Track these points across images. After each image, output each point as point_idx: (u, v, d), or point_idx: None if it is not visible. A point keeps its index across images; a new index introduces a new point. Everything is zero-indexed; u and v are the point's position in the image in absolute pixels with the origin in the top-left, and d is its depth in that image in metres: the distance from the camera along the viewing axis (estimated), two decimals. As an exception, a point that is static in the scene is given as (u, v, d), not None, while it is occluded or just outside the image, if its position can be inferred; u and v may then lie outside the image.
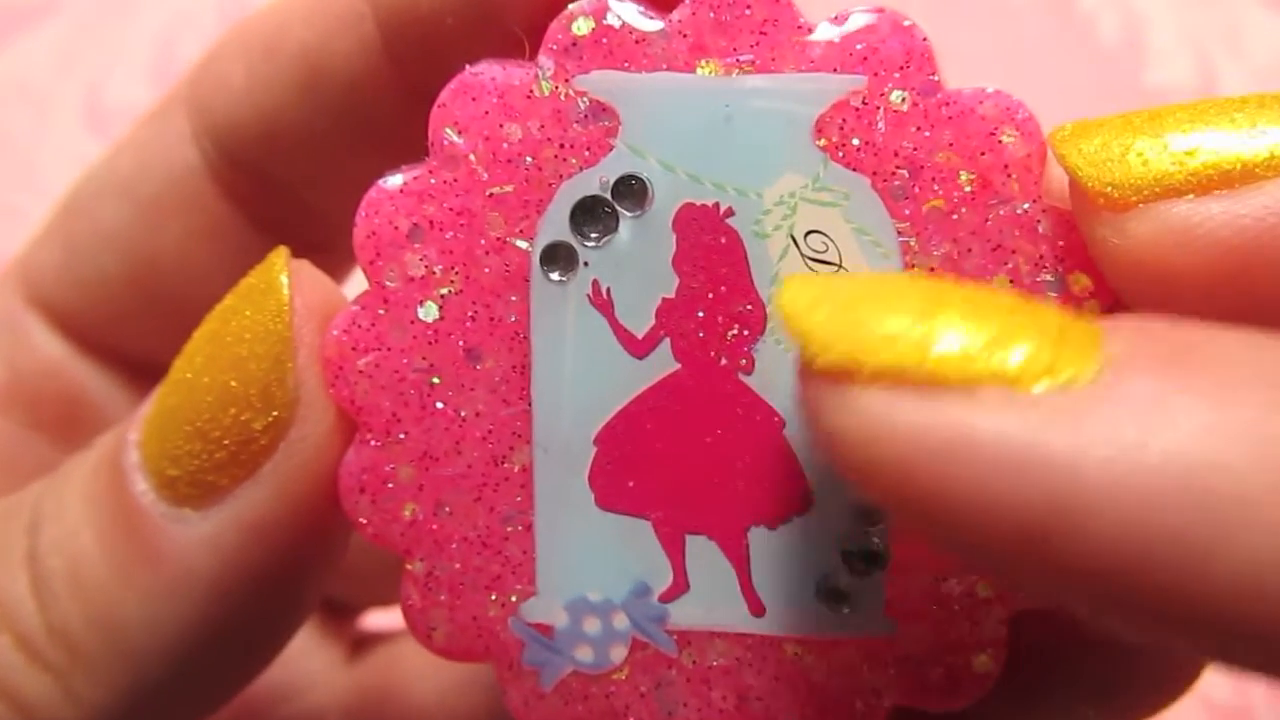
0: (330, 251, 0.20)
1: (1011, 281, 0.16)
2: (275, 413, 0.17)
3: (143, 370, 0.23)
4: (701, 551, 0.17)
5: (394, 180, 0.17)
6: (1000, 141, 0.16)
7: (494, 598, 0.17)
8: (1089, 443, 0.11)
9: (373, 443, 0.17)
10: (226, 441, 0.17)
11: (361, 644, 0.26)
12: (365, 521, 0.17)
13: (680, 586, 0.17)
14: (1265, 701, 0.34)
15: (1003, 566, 0.11)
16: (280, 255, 0.17)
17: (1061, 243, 0.16)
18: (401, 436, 0.17)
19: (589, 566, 0.17)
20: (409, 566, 0.17)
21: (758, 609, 0.17)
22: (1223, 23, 0.37)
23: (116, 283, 0.22)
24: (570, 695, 0.17)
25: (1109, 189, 0.14)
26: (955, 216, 0.16)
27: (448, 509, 0.17)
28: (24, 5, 0.42)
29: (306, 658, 0.25)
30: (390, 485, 0.17)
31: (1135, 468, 0.11)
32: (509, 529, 0.17)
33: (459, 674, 0.24)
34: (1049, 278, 0.16)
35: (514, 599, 0.17)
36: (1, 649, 0.17)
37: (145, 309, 0.22)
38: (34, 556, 0.17)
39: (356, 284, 0.18)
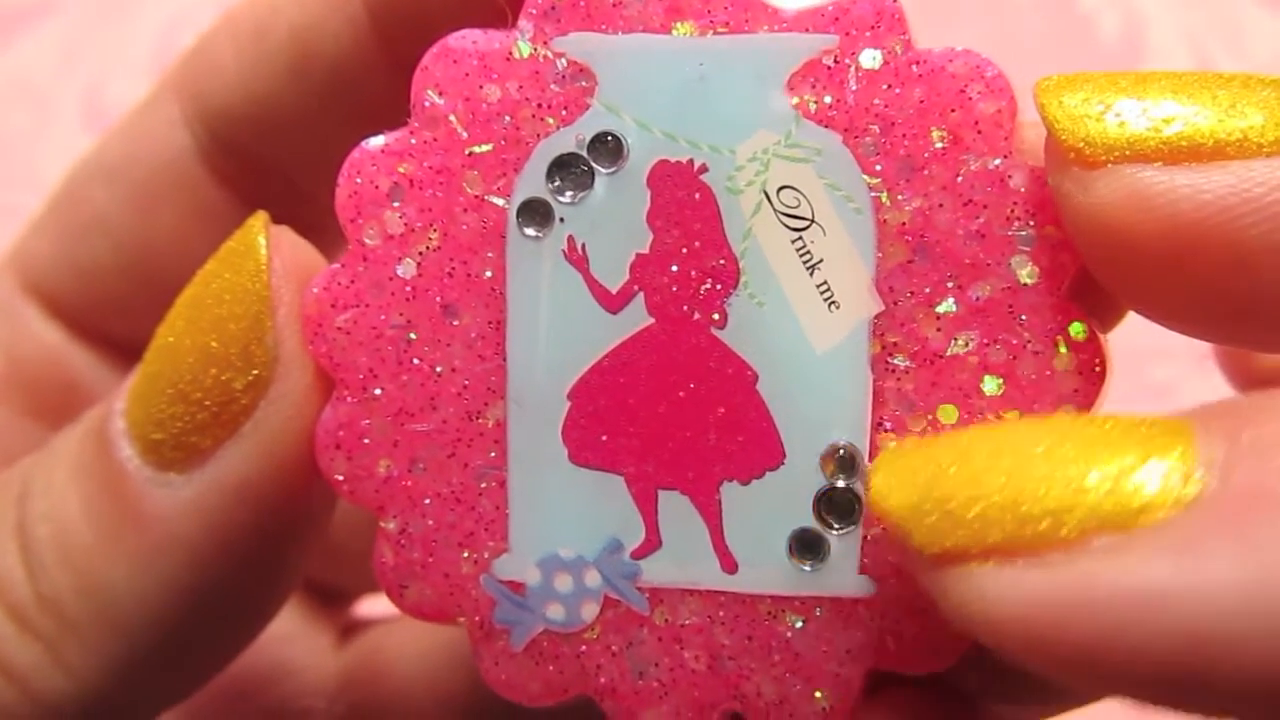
0: (322, 232, 0.20)
1: (982, 236, 0.16)
2: (255, 371, 0.17)
3: (138, 355, 0.23)
4: (674, 507, 0.17)
5: (375, 141, 0.17)
6: (970, 98, 0.16)
7: (466, 555, 0.17)
8: (1212, 572, 0.11)
9: (349, 399, 0.17)
10: (208, 402, 0.17)
11: (352, 629, 0.26)
12: (341, 478, 0.17)
13: (653, 543, 0.17)
14: None
15: (1163, 699, 0.12)
16: (259, 219, 0.18)
17: (1034, 195, 0.16)
18: (378, 392, 0.17)
19: (562, 523, 0.17)
20: (383, 524, 0.17)
21: (730, 566, 0.16)
22: (1222, 22, 0.37)
23: (110, 268, 0.22)
24: (541, 655, 0.17)
25: (1082, 144, 0.14)
26: (926, 172, 0.16)
27: (422, 465, 0.17)
28: (24, 5, 0.43)
29: (296, 642, 0.25)
30: (366, 441, 0.17)
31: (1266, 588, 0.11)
32: (482, 485, 0.17)
33: (447, 654, 0.23)
34: (1022, 232, 0.16)
35: (486, 555, 0.17)
36: None
37: (139, 294, 0.22)
38: (23, 526, 0.17)
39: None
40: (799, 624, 0.16)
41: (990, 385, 0.16)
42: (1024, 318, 0.16)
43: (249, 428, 0.17)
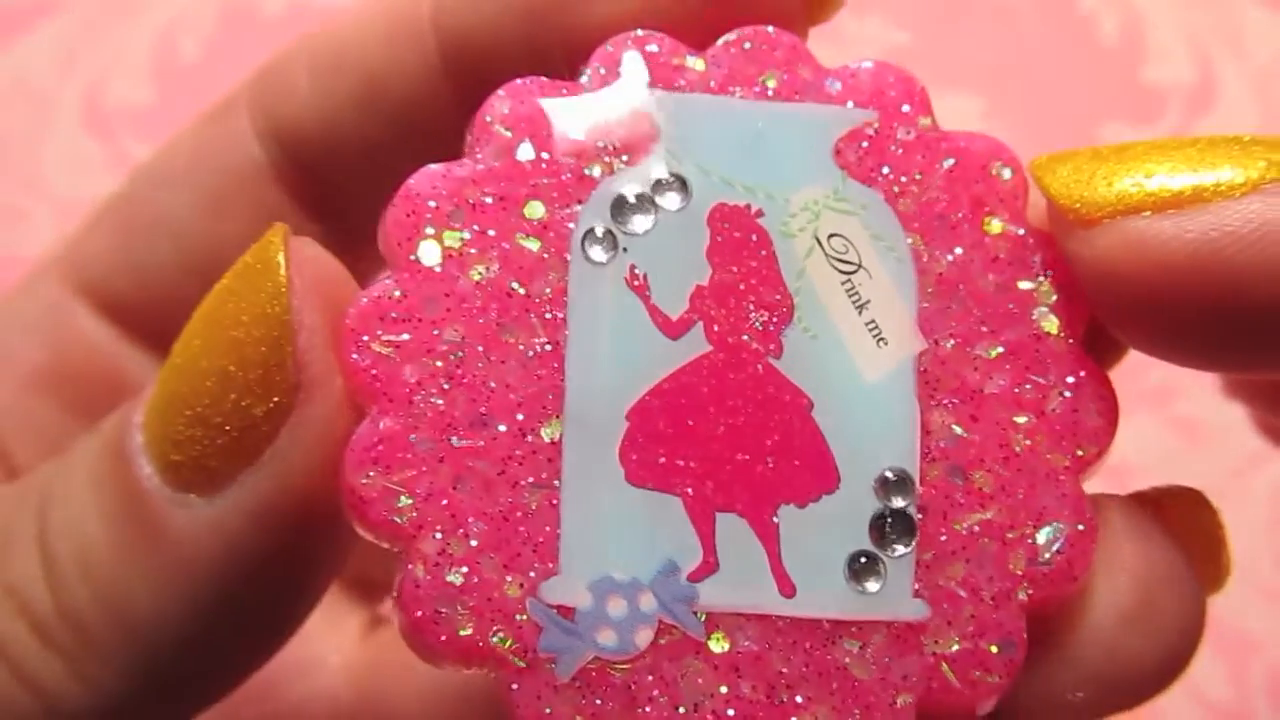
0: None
1: (1009, 289, 0.18)
2: (276, 399, 0.16)
3: None
4: (732, 530, 0.17)
5: (436, 166, 0.18)
6: (991, 174, 0.18)
7: (511, 579, 0.16)
8: None
9: (392, 414, 0.17)
10: (227, 427, 0.16)
11: (379, 621, 0.25)
12: (375, 495, 0.16)
13: (710, 565, 0.16)
14: (1265, 702, 0.33)
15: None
16: (278, 233, 0.17)
17: (1050, 258, 0.18)
18: (425, 407, 0.17)
19: (616, 544, 0.16)
20: (419, 545, 0.16)
21: (788, 590, 0.16)
22: (1222, 22, 0.39)
23: (173, 269, 0.22)
24: (588, 686, 0.16)
25: (1078, 205, 0.17)
26: (957, 230, 0.18)
27: (468, 483, 0.16)
28: (24, 5, 0.42)
29: (321, 636, 0.24)
30: (406, 455, 0.16)
31: None
32: (532, 504, 0.16)
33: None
34: (1043, 287, 0.18)
35: (534, 576, 0.16)
36: (16, 633, 0.17)
37: (202, 295, 0.22)
38: (44, 538, 0.17)
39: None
40: (856, 649, 0.16)
41: (1023, 419, 0.17)
42: (1049, 362, 0.17)
43: (270, 454, 0.16)
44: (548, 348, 0.17)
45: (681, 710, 0.16)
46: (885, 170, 0.18)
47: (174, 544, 0.16)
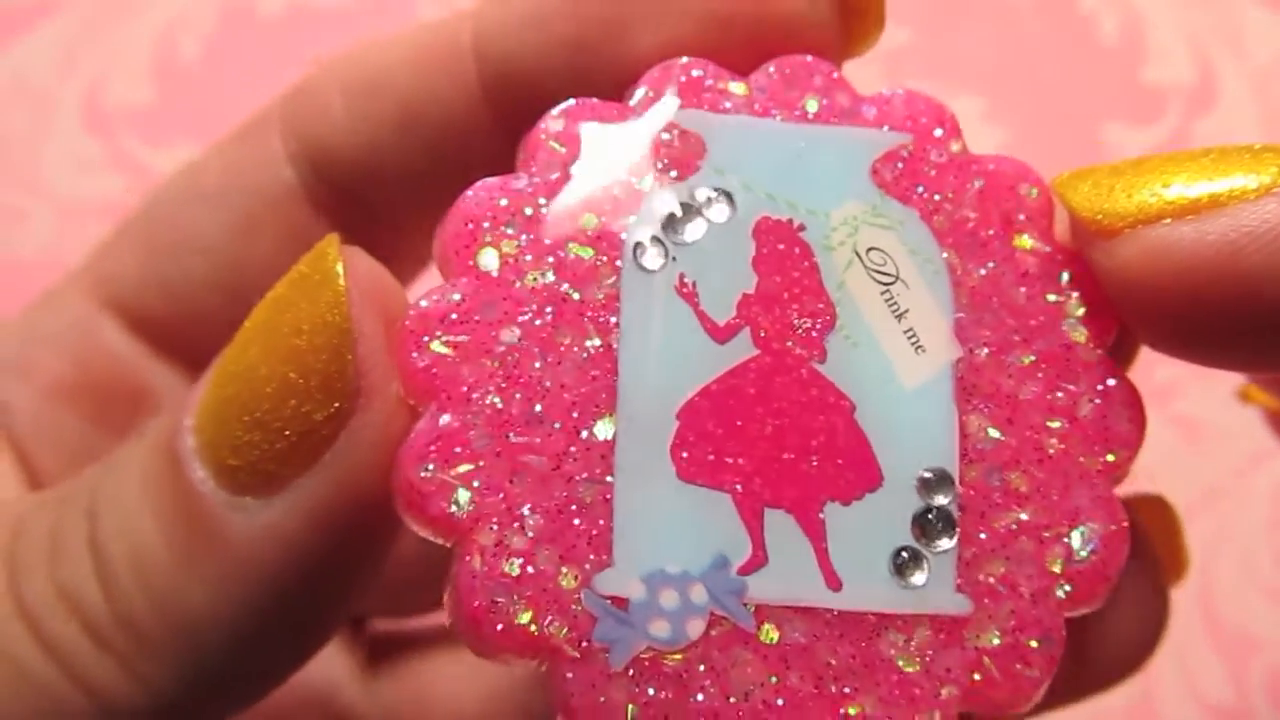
0: (418, 261, 0.21)
1: (1039, 301, 0.19)
2: (336, 404, 0.17)
3: None
4: (779, 526, 0.17)
5: (493, 180, 0.18)
6: (1020, 193, 0.19)
7: (565, 570, 0.17)
8: None
9: (450, 412, 0.17)
10: (287, 432, 0.17)
11: (379, 653, 0.25)
12: (434, 490, 0.17)
13: (759, 559, 0.17)
14: (1266, 702, 0.33)
15: None
16: (333, 244, 0.18)
17: (1076, 273, 0.19)
18: (482, 405, 0.17)
19: (668, 538, 0.17)
20: (475, 537, 0.17)
21: (835, 584, 0.17)
22: (1222, 22, 0.39)
23: (202, 287, 0.22)
24: (640, 675, 0.16)
25: (1100, 217, 0.18)
26: (989, 246, 0.19)
27: (524, 478, 0.17)
28: (24, 5, 0.42)
29: (328, 665, 0.24)
30: (460, 451, 0.17)
31: None
32: (587, 499, 0.17)
33: (497, 682, 0.22)
34: (1071, 299, 0.18)
35: (588, 569, 0.17)
36: (70, 636, 0.17)
37: (229, 313, 0.22)
38: (95, 542, 0.17)
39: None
40: (901, 641, 0.17)
41: (1055, 425, 0.18)
42: (1079, 370, 0.18)
43: (330, 457, 0.17)
44: (601, 350, 0.18)
45: (732, 700, 0.16)
46: (920, 189, 0.19)
47: (230, 546, 0.16)
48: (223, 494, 0.16)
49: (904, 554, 0.17)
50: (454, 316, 0.17)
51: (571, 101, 0.19)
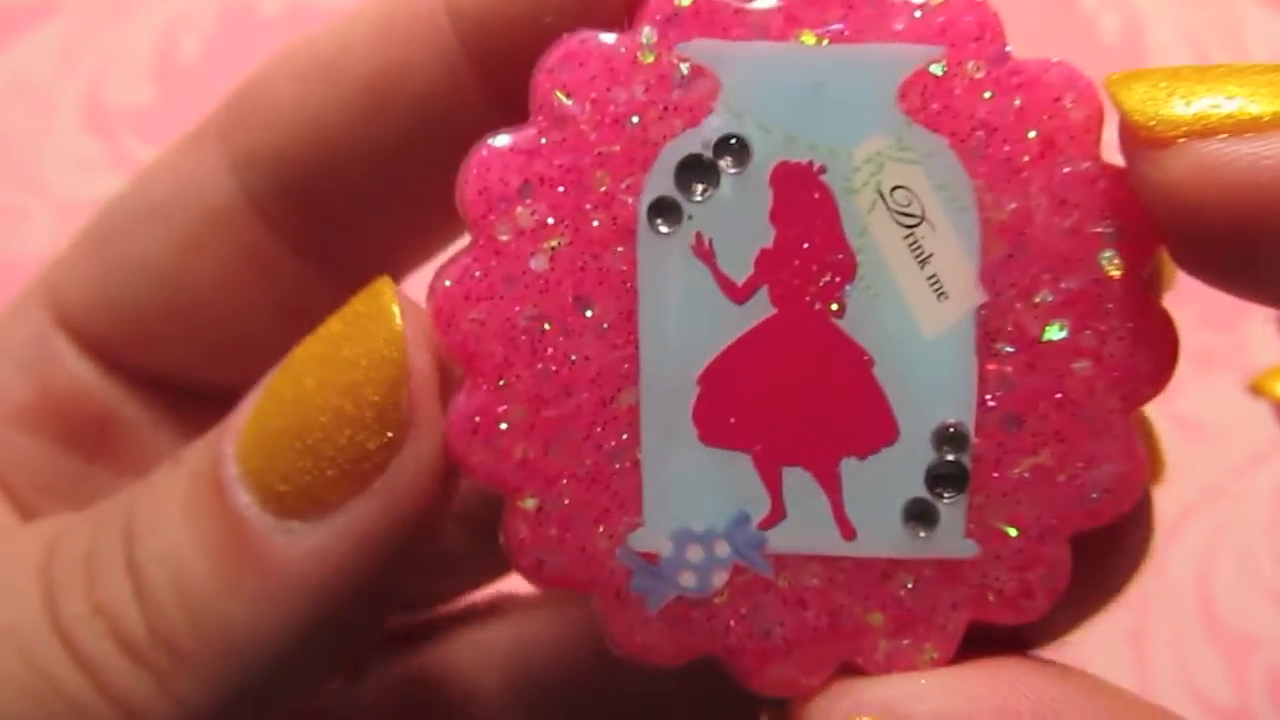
0: (375, 272, 0.20)
1: (1074, 233, 0.18)
2: (390, 434, 0.17)
3: (174, 390, 0.23)
4: (797, 482, 0.18)
5: (502, 140, 0.18)
6: (1064, 107, 0.18)
7: (601, 530, 0.18)
8: None
9: (484, 388, 0.18)
10: (340, 460, 0.17)
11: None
12: (478, 461, 0.18)
13: (778, 514, 0.18)
14: (1266, 702, 0.35)
15: None
16: (388, 285, 0.18)
17: (1118, 196, 0.18)
18: (513, 380, 0.18)
19: (692, 499, 0.18)
20: (520, 504, 0.18)
21: (849, 534, 0.18)
22: (1222, 22, 0.39)
23: (151, 309, 0.22)
24: (674, 619, 0.18)
25: (1153, 123, 0.16)
26: (1025, 174, 0.18)
27: (558, 448, 0.18)
28: (24, 5, 0.42)
29: None
30: (503, 426, 0.18)
31: None
32: (616, 465, 0.18)
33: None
34: (1109, 230, 0.18)
35: (622, 530, 0.18)
36: (105, 653, 0.17)
37: (180, 334, 0.23)
38: (134, 564, 0.17)
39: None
40: (910, 584, 0.18)
41: (1080, 365, 0.18)
42: (1110, 306, 0.18)
43: (379, 485, 0.18)
44: (621, 319, 0.18)
45: (754, 636, 0.18)
46: (951, 113, 0.18)
47: (275, 568, 0.17)
48: (268, 518, 0.17)
49: (917, 505, 0.18)
50: (477, 293, 0.18)
51: (574, 39, 0.18)
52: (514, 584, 0.23)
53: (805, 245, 0.18)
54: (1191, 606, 0.36)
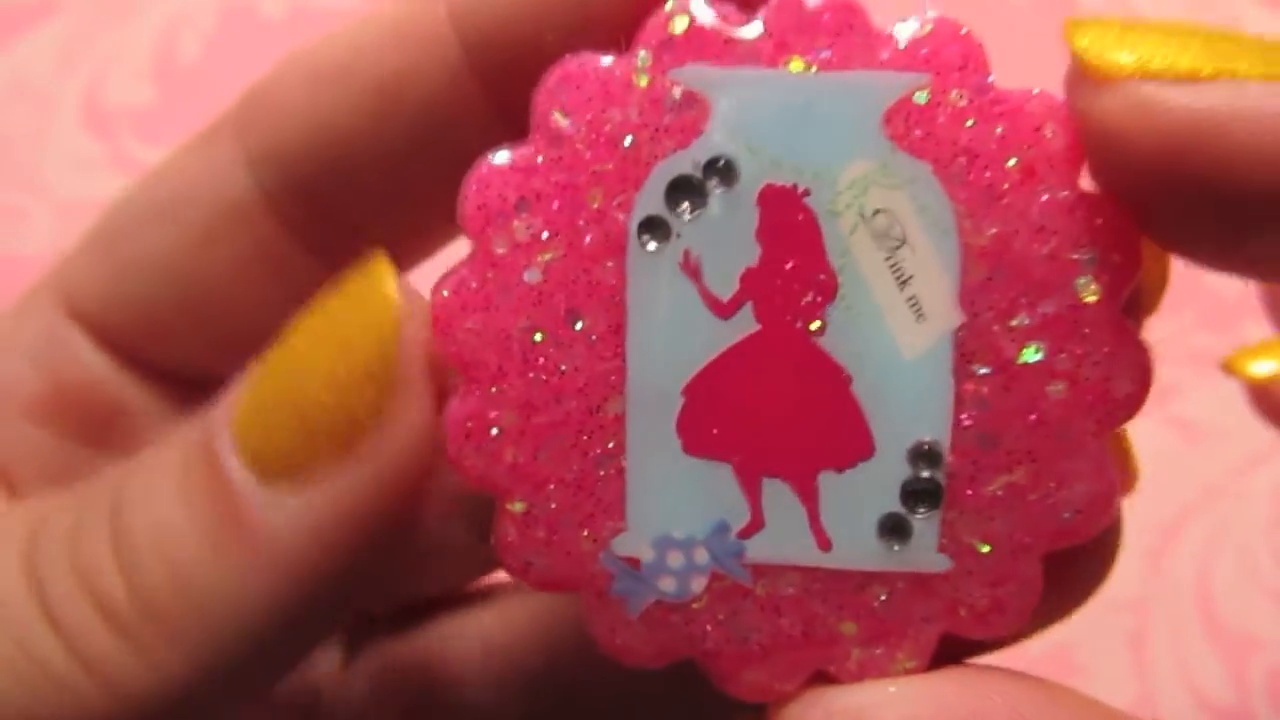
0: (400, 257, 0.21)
1: (1052, 259, 0.18)
2: (378, 399, 0.18)
3: (186, 384, 0.24)
4: (776, 493, 0.19)
5: (501, 157, 0.19)
6: (1044, 136, 0.18)
7: (586, 534, 0.19)
8: None
9: (478, 394, 0.19)
10: (327, 426, 0.18)
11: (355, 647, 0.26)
12: (470, 464, 0.19)
13: (757, 524, 0.19)
14: (1266, 702, 0.35)
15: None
16: (383, 260, 0.19)
17: (1096, 224, 0.18)
18: (506, 388, 0.19)
19: (674, 506, 0.19)
20: (509, 507, 0.19)
21: (825, 545, 0.19)
22: (1222, 22, 0.38)
23: (165, 304, 0.22)
24: (653, 622, 0.19)
25: (1097, 63, 0.17)
26: (1005, 200, 0.18)
27: (546, 454, 0.19)
28: (24, 5, 0.42)
29: (317, 661, 0.25)
30: (494, 431, 0.19)
31: None
32: (601, 472, 0.19)
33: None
34: (1086, 256, 0.18)
35: (605, 535, 0.19)
36: (86, 619, 0.17)
37: (193, 328, 0.23)
38: (119, 537, 0.18)
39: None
40: (884, 596, 0.19)
41: (1055, 388, 0.18)
42: (1086, 331, 0.18)
43: (366, 453, 0.18)
44: (610, 331, 0.19)
45: (730, 642, 0.19)
46: (934, 139, 0.18)
47: (263, 537, 0.17)
48: (260, 489, 0.17)
49: (891, 519, 0.19)
50: (473, 304, 0.19)
51: (572, 62, 0.19)
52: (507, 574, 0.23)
53: (789, 265, 0.19)
54: (1191, 606, 0.36)
